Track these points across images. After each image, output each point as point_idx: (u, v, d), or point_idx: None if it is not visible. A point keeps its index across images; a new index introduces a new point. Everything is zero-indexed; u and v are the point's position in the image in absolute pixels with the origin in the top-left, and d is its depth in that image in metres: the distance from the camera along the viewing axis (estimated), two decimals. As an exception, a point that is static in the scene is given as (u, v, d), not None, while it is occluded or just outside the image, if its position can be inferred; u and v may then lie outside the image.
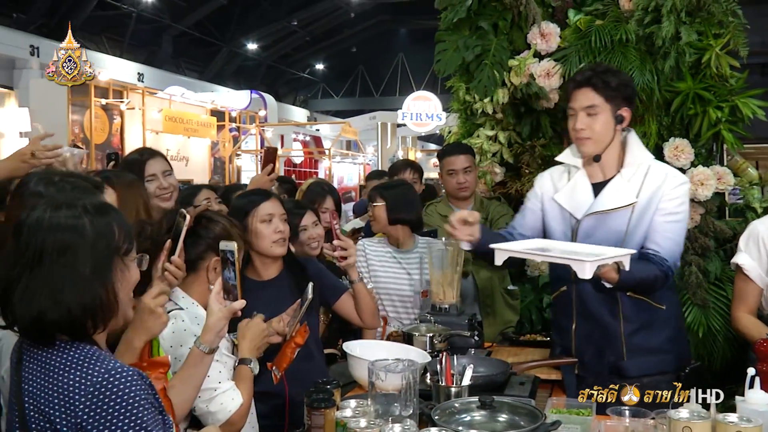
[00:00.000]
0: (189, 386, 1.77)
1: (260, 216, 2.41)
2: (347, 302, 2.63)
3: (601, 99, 2.30)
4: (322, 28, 24.73)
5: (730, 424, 1.48)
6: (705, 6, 3.29)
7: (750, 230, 2.25)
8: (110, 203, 1.56)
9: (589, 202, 2.36)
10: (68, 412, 1.28)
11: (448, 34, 3.76)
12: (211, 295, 1.80)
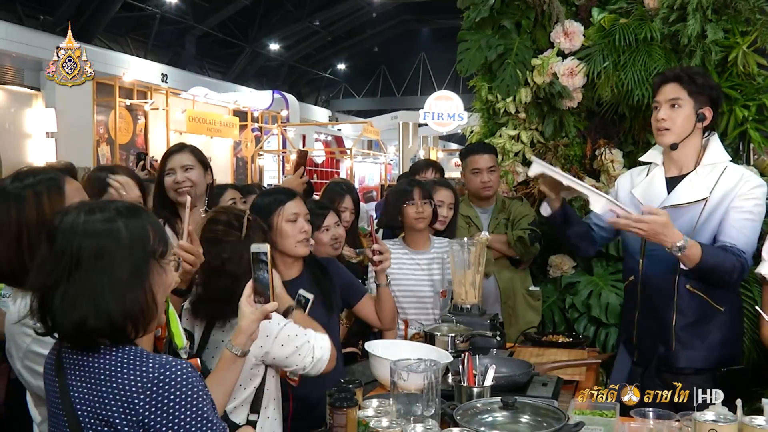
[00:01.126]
0: (221, 389, 1.76)
1: (286, 215, 2.41)
2: (368, 304, 2.65)
3: (685, 93, 2.42)
4: (343, 27, 24.76)
5: (758, 428, 1.46)
6: (732, 3, 3.25)
7: None
8: (142, 206, 1.55)
9: (663, 196, 2.46)
10: (128, 411, 1.27)
11: (470, 34, 3.76)
12: (243, 297, 1.79)
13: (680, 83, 2.43)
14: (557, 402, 1.95)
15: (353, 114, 28.39)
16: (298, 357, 1.98)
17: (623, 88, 3.33)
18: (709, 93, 2.44)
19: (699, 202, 2.38)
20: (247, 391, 2.01)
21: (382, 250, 2.60)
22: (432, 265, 3.07)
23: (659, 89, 2.49)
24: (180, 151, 2.93)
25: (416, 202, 3.01)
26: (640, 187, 2.56)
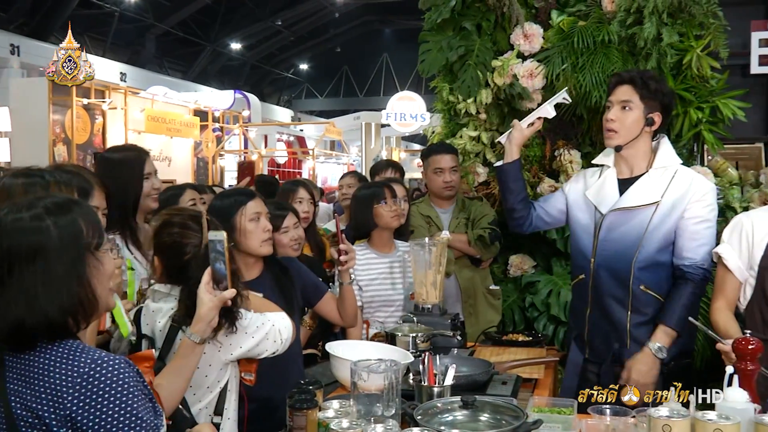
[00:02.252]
0: (180, 377, 1.76)
1: (248, 215, 2.39)
2: (329, 302, 2.65)
3: (636, 97, 2.46)
4: (306, 28, 24.68)
5: (709, 422, 1.49)
6: (686, 8, 3.32)
7: (734, 222, 2.25)
8: (73, 198, 1.51)
9: (614, 197, 2.50)
10: (57, 406, 1.27)
11: (431, 35, 3.77)
12: (201, 285, 1.79)
13: (633, 86, 2.46)
14: (516, 400, 1.97)
15: (316, 114, 28.31)
16: (268, 342, 2.02)
17: (581, 89, 3.37)
18: (661, 99, 2.48)
19: (650, 205, 2.42)
20: (214, 393, 2.00)
21: (348, 250, 2.60)
22: (397, 267, 3.07)
23: (613, 90, 2.52)
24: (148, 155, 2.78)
25: (389, 201, 3.02)
26: (593, 189, 2.59)
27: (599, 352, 2.52)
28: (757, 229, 2.16)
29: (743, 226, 2.20)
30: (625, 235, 2.44)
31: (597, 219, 2.53)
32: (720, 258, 2.24)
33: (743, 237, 2.18)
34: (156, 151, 12.93)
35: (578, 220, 2.62)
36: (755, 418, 1.52)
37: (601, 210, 2.52)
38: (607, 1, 3.45)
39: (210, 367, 1.99)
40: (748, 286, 2.18)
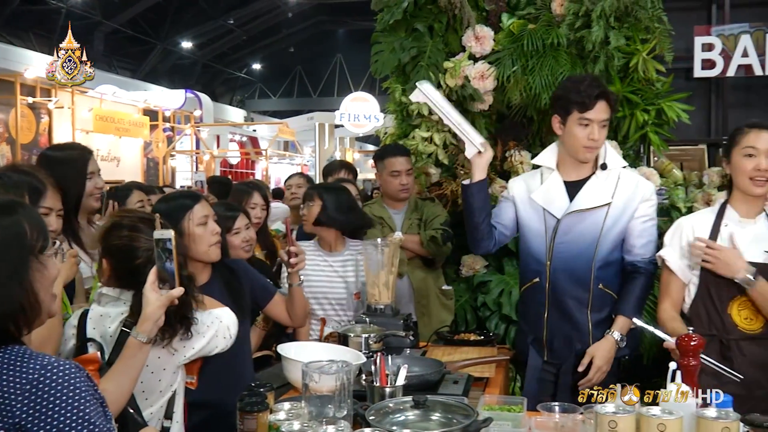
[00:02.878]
0: (127, 378, 1.73)
1: (196, 219, 2.32)
2: (279, 303, 2.63)
3: (611, 113, 2.50)
4: (259, 27, 24.46)
5: (653, 417, 1.53)
6: (633, 12, 3.40)
7: (675, 226, 2.33)
8: (18, 200, 1.47)
9: (564, 200, 2.52)
10: (4, 415, 1.22)
11: (384, 36, 3.78)
12: (147, 284, 1.76)
13: (608, 103, 2.45)
14: (467, 399, 1.98)
15: (269, 115, 28.07)
16: (218, 339, 2.03)
17: (531, 92, 3.42)
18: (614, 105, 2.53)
19: (603, 206, 2.47)
20: (165, 397, 1.97)
21: (297, 252, 2.58)
22: (346, 266, 3.06)
23: (593, 106, 2.43)
24: (91, 154, 2.71)
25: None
26: (540, 192, 2.58)
27: (559, 354, 2.54)
28: (697, 231, 2.24)
29: (683, 229, 2.27)
30: (581, 236, 2.48)
31: (549, 222, 2.54)
32: (664, 261, 2.30)
33: (683, 239, 2.25)
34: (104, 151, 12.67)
35: (528, 224, 2.61)
36: (697, 412, 1.56)
37: (553, 213, 2.53)
38: (556, 5, 3.51)
39: (164, 371, 1.96)
40: (692, 285, 2.24)
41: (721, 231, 2.21)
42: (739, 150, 2.20)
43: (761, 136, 2.17)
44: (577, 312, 2.50)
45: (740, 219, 2.23)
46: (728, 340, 2.12)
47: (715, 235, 2.21)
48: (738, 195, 2.26)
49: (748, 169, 2.17)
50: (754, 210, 2.24)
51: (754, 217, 2.23)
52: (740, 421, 1.52)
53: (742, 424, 1.53)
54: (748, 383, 2.05)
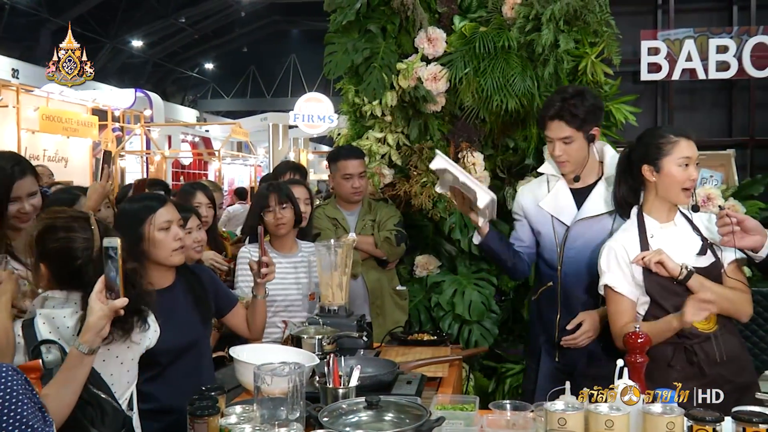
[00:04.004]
0: (67, 390, 1.67)
1: (158, 224, 2.27)
2: (240, 313, 2.59)
3: (572, 130, 2.53)
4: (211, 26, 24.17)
5: (601, 414, 1.56)
6: (581, 16, 3.46)
7: (607, 251, 2.30)
8: None
9: (572, 207, 2.62)
10: None
11: (337, 37, 3.77)
12: (93, 293, 1.70)
13: (566, 123, 2.52)
14: (420, 399, 1.99)
15: (222, 115, 27.76)
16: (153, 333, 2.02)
17: (483, 93, 3.46)
18: (592, 114, 2.56)
19: (609, 213, 2.54)
20: (132, 388, 1.97)
21: (269, 263, 2.55)
22: (299, 268, 3.05)
23: (548, 125, 2.56)
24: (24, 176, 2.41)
25: (273, 209, 2.97)
26: (547, 201, 2.68)
27: (570, 356, 2.60)
28: (629, 250, 2.24)
29: (616, 252, 2.26)
30: (590, 242, 2.54)
31: (558, 229, 2.64)
32: (610, 288, 2.27)
33: (621, 262, 2.24)
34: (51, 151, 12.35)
35: (539, 231, 2.71)
36: (643, 408, 1.59)
37: (562, 220, 2.63)
38: (507, 8, 3.55)
39: (132, 361, 1.96)
40: (639, 305, 2.25)
41: (651, 245, 2.22)
42: (673, 159, 2.20)
43: (691, 146, 2.20)
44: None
45: (661, 226, 2.26)
46: (692, 344, 2.16)
47: (645, 250, 2.22)
48: (654, 202, 2.27)
49: (682, 179, 2.19)
50: (671, 213, 2.27)
51: (673, 220, 2.27)
52: (684, 416, 1.57)
53: (686, 418, 1.57)
54: (716, 380, 2.09)
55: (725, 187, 3.98)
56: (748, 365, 2.24)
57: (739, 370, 2.16)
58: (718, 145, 4.42)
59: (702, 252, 2.18)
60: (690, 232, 2.25)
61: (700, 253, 2.17)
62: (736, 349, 2.19)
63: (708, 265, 2.16)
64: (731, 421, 1.58)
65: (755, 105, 4.54)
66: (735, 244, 2.11)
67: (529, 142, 3.60)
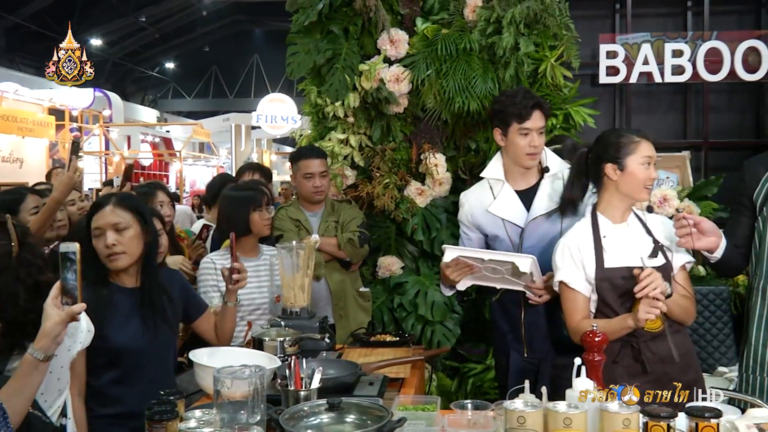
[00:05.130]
0: (21, 397, 1.63)
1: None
2: (209, 319, 2.55)
3: (545, 120, 2.68)
4: (172, 25, 23.86)
5: (559, 412, 1.58)
6: (541, 19, 3.51)
7: (561, 248, 2.34)
8: None
9: (520, 208, 2.68)
10: None
11: (299, 37, 3.76)
12: (49, 298, 1.67)
13: (542, 112, 2.66)
14: (382, 400, 1.99)
15: (183, 115, 27.42)
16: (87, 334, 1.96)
17: (445, 95, 3.49)
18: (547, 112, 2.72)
19: (557, 209, 2.60)
20: (64, 395, 1.90)
21: (240, 269, 2.52)
22: (262, 271, 3.03)
23: (532, 115, 2.62)
24: None
25: (264, 209, 2.97)
26: (496, 206, 2.72)
27: (538, 349, 2.66)
28: (582, 247, 2.28)
29: (570, 248, 2.30)
30: (543, 239, 2.61)
31: (511, 231, 2.69)
32: (564, 284, 2.31)
33: (575, 258, 2.29)
34: (6, 152, 12.06)
35: (494, 236, 2.75)
36: (600, 406, 1.62)
37: (514, 222, 2.68)
38: (469, 11, 3.58)
39: (62, 369, 1.90)
40: (592, 301, 2.29)
41: (604, 245, 2.26)
42: (636, 158, 2.24)
43: (651, 147, 2.26)
44: (551, 309, 2.58)
45: (614, 226, 2.29)
46: (638, 342, 2.20)
47: (600, 251, 2.26)
48: (611, 201, 2.31)
49: (645, 178, 2.24)
50: (626, 213, 2.31)
51: (626, 220, 2.30)
52: (639, 413, 1.60)
53: (641, 415, 1.60)
54: (660, 378, 2.13)
55: (681, 188, 4.08)
56: (693, 364, 2.29)
57: (684, 369, 2.21)
58: (674, 147, 4.53)
59: (653, 254, 2.21)
60: (643, 233, 2.28)
61: (651, 255, 2.21)
62: (682, 348, 2.23)
63: (659, 266, 2.20)
64: (684, 417, 1.62)
65: (709, 108, 4.65)
66: (692, 246, 2.17)
67: (490, 143, 3.63)
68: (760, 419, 1.68)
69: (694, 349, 2.43)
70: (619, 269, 2.22)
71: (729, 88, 4.69)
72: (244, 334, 2.88)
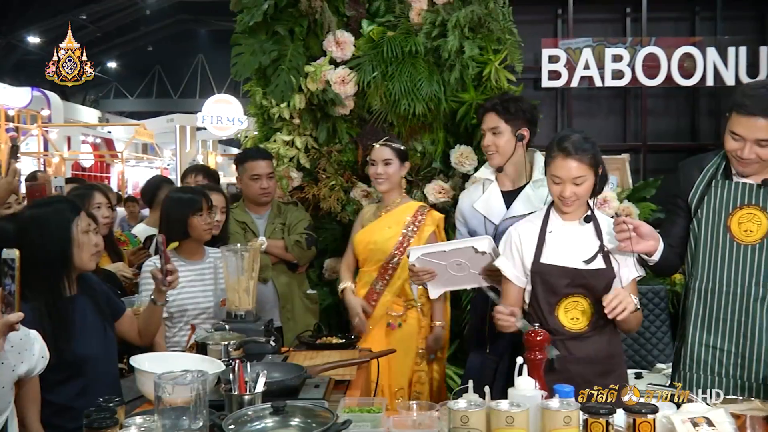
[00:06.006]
0: None
1: (82, 227, 2.25)
2: (130, 320, 2.52)
3: (502, 121, 2.76)
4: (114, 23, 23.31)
5: (502, 411, 1.60)
6: (485, 23, 3.56)
7: (506, 236, 2.39)
8: None
9: (501, 208, 2.79)
10: None
11: (244, 38, 3.72)
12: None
13: (497, 114, 2.77)
14: (327, 402, 1.99)
15: (126, 115, 26.81)
16: (39, 360, 1.93)
17: (391, 97, 3.51)
18: (523, 115, 2.78)
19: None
20: (5, 414, 1.85)
21: (172, 270, 2.49)
22: (206, 274, 2.99)
23: (482, 118, 2.82)
24: None
25: (204, 213, 2.92)
26: (480, 202, 2.84)
27: (500, 346, 2.65)
28: (523, 238, 2.32)
29: (512, 238, 2.35)
30: None
31: (489, 228, 2.78)
32: (501, 271, 2.35)
33: (514, 248, 2.33)
34: (-63, 152, 11.59)
35: (474, 232, 2.85)
36: (541, 404, 1.65)
37: (492, 220, 2.78)
38: (414, 14, 3.61)
39: (3, 389, 1.85)
40: (526, 292, 2.33)
41: (546, 240, 2.29)
42: (549, 174, 2.25)
43: (566, 165, 2.20)
44: None
45: (564, 223, 2.31)
46: (555, 340, 2.21)
47: (541, 245, 2.28)
48: None
49: (555, 193, 2.26)
50: (578, 212, 2.31)
51: (577, 219, 2.31)
52: (580, 410, 1.63)
53: (581, 412, 1.63)
54: (573, 379, 2.15)
55: (620, 189, 4.18)
56: (617, 370, 2.31)
57: (603, 374, 2.22)
58: (614, 150, 4.64)
59: (591, 258, 2.23)
60: (592, 236, 2.29)
61: (589, 260, 2.23)
62: (604, 352, 2.27)
63: (594, 270, 2.23)
64: (623, 413, 1.66)
65: (647, 112, 4.79)
66: (632, 249, 2.22)
67: (436, 145, 3.67)
68: (694, 413, 1.73)
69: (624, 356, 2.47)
70: (552, 266, 2.25)
71: (666, 92, 4.85)
72: (187, 338, 2.83)
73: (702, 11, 4.85)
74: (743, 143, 2.15)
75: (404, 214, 3.17)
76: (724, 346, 2.27)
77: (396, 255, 3.11)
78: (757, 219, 2.22)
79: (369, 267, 3.19)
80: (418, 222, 3.14)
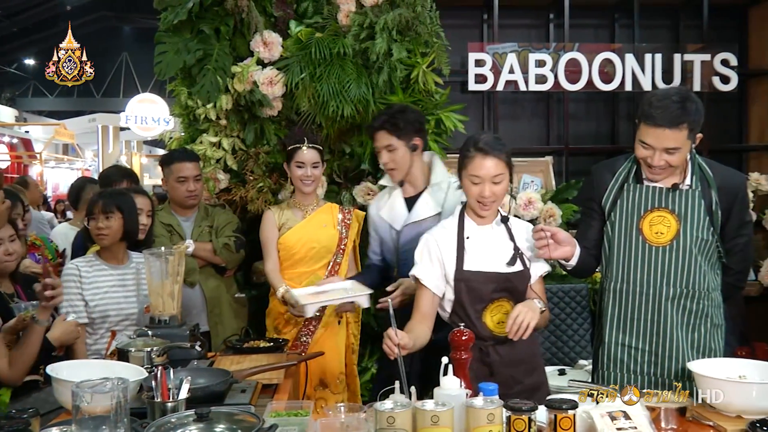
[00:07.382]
0: None
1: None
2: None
3: (394, 138, 2.80)
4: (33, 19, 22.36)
5: (427, 411, 1.62)
6: (413, 26, 3.60)
7: (423, 243, 2.36)
8: None
9: (404, 214, 2.85)
10: None
11: (168, 36, 3.65)
12: None
13: (388, 132, 2.80)
14: (254, 407, 1.96)
15: (45, 115, 25.78)
16: None
17: (319, 99, 3.49)
18: (413, 126, 2.82)
19: (435, 216, 2.75)
20: None
21: (54, 285, 2.37)
22: (128, 279, 2.90)
23: (374, 137, 2.85)
24: None
25: (96, 217, 2.80)
26: (385, 210, 2.92)
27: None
28: (442, 246, 2.31)
29: (430, 245, 2.32)
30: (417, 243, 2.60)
31: (393, 234, 2.87)
32: (417, 279, 2.33)
33: (434, 256, 2.30)
34: None
35: (382, 239, 2.96)
36: (466, 402, 1.68)
37: (395, 226, 2.86)
38: (342, 16, 3.61)
39: None
40: (446, 301, 2.33)
41: (466, 246, 2.29)
42: (466, 174, 2.25)
43: (485, 164, 2.20)
44: None
45: (478, 227, 2.32)
46: (486, 346, 2.26)
47: (461, 252, 2.29)
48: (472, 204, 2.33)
49: (473, 195, 2.25)
50: (491, 215, 2.32)
51: (491, 223, 2.33)
52: (503, 407, 1.66)
53: (504, 409, 1.67)
54: (506, 380, 2.20)
55: (544, 191, 4.29)
56: (538, 367, 2.40)
57: (528, 371, 2.32)
58: (538, 153, 4.76)
59: (512, 261, 2.27)
60: (506, 239, 2.32)
61: (510, 262, 2.27)
62: (527, 352, 2.32)
63: (515, 272, 2.28)
64: (544, 409, 1.71)
65: (569, 116, 4.93)
66: (549, 256, 2.28)
67: (364, 147, 3.67)
68: (612, 407, 1.79)
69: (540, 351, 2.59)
70: (476, 273, 2.25)
71: (587, 97, 5.00)
72: (106, 345, 2.75)
73: (621, 18, 5.02)
74: (653, 152, 2.24)
75: (331, 213, 3.21)
76: (638, 345, 2.35)
77: (339, 253, 3.17)
78: (667, 221, 2.31)
79: (310, 267, 3.15)
80: (347, 220, 3.21)
